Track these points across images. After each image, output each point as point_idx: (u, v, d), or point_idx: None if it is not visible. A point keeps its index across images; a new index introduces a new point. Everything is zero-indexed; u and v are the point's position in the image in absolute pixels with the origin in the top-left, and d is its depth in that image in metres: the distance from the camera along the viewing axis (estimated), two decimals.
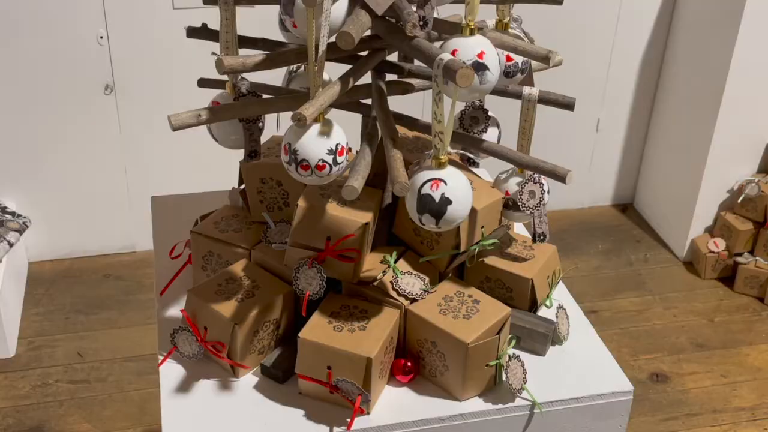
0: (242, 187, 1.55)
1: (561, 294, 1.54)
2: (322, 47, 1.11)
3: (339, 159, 1.17)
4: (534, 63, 1.37)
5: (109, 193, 3.08)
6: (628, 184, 3.62)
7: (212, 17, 1.39)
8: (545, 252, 1.49)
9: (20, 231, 2.90)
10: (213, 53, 1.34)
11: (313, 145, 1.15)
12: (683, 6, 3.18)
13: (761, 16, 2.85)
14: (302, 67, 1.47)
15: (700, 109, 3.14)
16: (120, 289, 3.05)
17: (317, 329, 1.28)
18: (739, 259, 3.18)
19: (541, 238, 1.42)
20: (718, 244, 3.20)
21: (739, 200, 3.17)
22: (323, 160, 1.16)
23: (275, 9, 1.30)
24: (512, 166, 1.41)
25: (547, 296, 1.49)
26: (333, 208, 1.30)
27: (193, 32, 1.37)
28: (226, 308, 1.32)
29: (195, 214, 1.60)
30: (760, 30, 2.88)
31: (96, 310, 2.96)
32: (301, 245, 1.32)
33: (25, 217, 2.97)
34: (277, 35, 1.39)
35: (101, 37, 2.79)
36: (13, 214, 2.95)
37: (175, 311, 1.48)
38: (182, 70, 2.58)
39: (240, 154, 1.42)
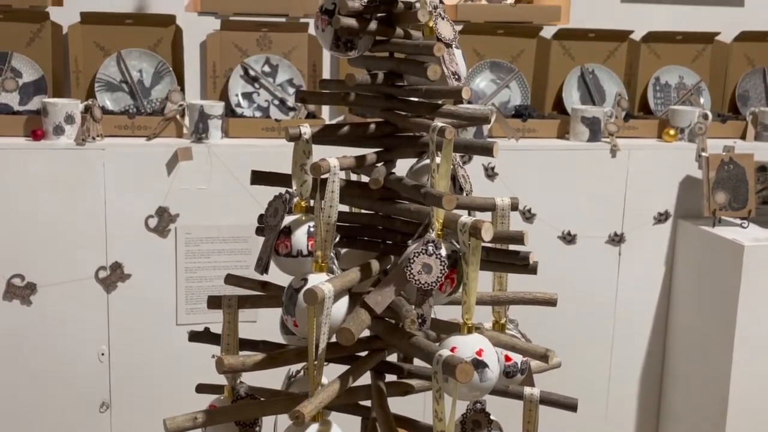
0: None
1: None
2: (323, 345, 1.12)
3: None
4: (534, 364, 1.38)
5: None
6: None
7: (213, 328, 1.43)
8: None
9: None
10: (213, 355, 1.35)
11: None
12: (676, 321, 3.26)
13: (753, 332, 2.91)
14: (302, 372, 1.47)
15: (705, 422, 3.08)
16: None
17: None
18: None
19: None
20: None
21: None
22: None
23: (276, 317, 1.34)
24: None
25: None
26: None
27: (195, 336, 1.40)
28: None
29: None
30: (755, 344, 2.92)
31: None
32: None
33: None
34: (278, 340, 1.40)
35: (102, 354, 2.81)
36: None
37: None
38: (181, 385, 2.57)
39: None
